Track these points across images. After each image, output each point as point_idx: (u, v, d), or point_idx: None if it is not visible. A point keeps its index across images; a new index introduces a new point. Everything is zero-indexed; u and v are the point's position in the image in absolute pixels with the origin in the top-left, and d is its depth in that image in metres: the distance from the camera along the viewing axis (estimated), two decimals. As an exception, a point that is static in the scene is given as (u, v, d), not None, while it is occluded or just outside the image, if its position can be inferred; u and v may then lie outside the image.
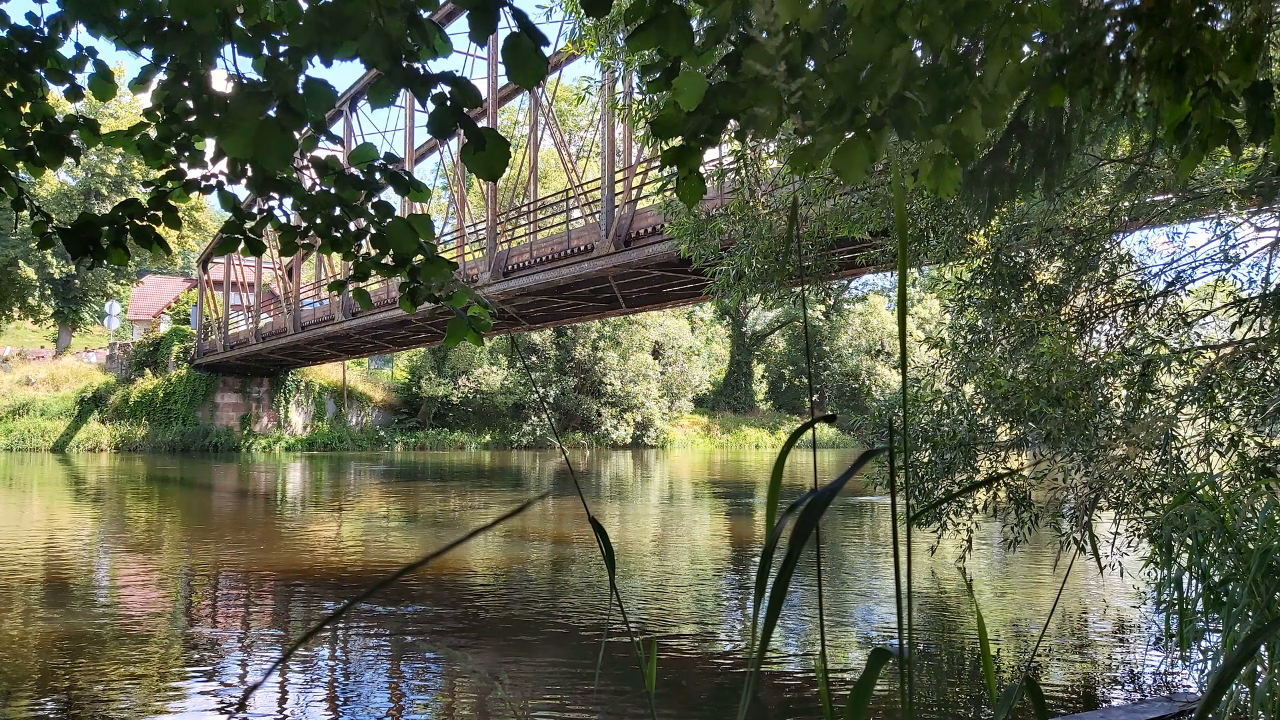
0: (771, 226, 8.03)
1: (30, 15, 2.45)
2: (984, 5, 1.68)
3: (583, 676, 6.04)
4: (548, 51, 1.94)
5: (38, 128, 2.61)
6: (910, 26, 1.65)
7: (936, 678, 6.02)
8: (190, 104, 2.28)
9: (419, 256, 2.62)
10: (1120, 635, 7.14)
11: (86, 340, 55.17)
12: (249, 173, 2.47)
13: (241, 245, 2.70)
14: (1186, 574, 6.25)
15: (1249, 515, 5.54)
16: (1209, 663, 6.07)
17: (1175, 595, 6.38)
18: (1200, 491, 5.94)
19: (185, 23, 2.03)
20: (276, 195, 2.54)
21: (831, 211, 7.79)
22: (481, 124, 1.98)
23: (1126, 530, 6.89)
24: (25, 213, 2.70)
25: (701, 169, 2.04)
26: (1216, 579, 5.72)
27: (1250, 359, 6.24)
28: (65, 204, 43.45)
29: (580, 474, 28.03)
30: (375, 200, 2.58)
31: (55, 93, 4.91)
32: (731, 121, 1.92)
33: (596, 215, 18.04)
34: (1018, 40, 1.78)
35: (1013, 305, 7.41)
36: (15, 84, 2.49)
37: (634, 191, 17.01)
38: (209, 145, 2.64)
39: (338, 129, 27.57)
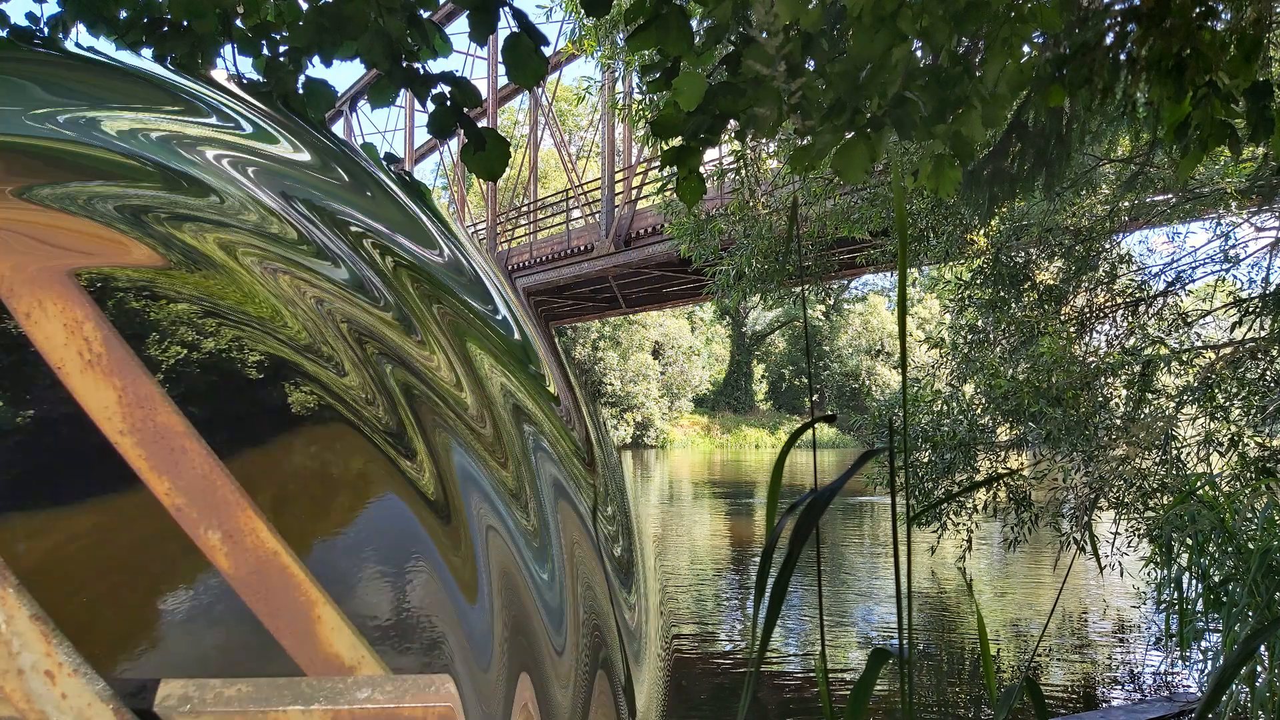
0: (771, 226, 8.04)
1: (30, 15, 2.45)
2: (984, 5, 1.68)
3: (583, 676, 6.03)
4: (548, 51, 1.94)
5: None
6: (910, 26, 1.65)
7: (936, 678, 6.02)
8: (190, 104, 2.27)
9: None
10: (1120, 635, 7.13)
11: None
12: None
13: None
14: (1186, 574, 6.26)
15: (1249, 515, 5.54)
16: (1209, 663, 6.07)
17: (1175, 595, 6.38)
18: (1200, 491, 5.94)
19: (185, 23, 2.04)
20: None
21: (831, 211, 7.79)
22: (481, 124, 1.98)
23: (1126, 530, 6.89)
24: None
25: (701, 169, 2.04)
26: (1216, 579, 5.72)
27: (1250, 359, 6.24)
28: (65, 204, 43.48)
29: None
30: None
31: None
32: (731, 121, 1.92)
33: (596, 215, 18.05)
34: (1018, 40, 1.78)
35: (1013, 305, 7.41)
36: (15, 84, 2.49)
37: (634, 191, 17.02)
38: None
39: (338, 129, 27.58)
